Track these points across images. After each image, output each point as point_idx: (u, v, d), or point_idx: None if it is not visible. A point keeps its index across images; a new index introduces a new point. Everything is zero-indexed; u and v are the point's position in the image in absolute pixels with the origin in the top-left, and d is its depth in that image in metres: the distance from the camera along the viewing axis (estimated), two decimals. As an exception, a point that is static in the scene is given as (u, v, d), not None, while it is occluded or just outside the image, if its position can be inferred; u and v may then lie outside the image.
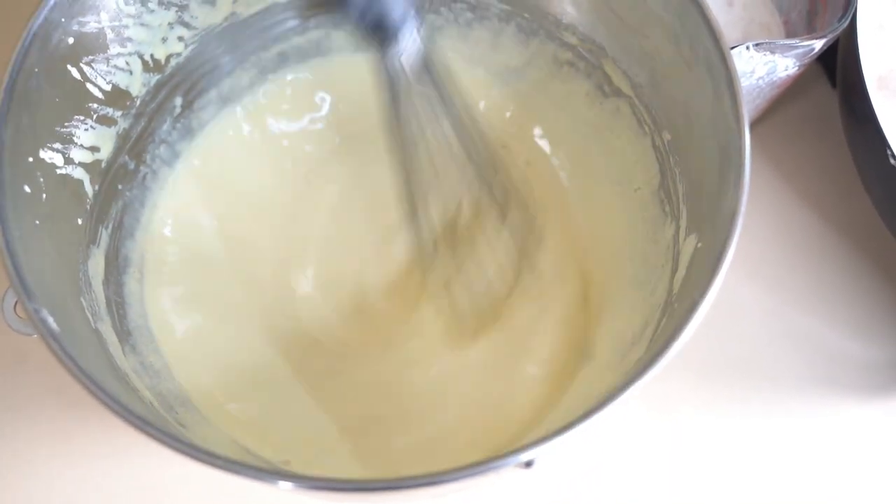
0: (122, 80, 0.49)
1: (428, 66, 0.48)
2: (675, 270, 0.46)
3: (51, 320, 0.37)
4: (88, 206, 0.48)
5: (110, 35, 0.48)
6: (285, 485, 0.34)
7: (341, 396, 0.51)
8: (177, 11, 0.51)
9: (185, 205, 0.55)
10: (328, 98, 0.59)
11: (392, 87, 0.48)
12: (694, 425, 0.56)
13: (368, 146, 0.56)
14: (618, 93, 0.53)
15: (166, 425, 0.41)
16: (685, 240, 0.46)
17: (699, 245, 0.43)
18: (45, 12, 0.43)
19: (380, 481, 0.34)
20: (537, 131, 0.59)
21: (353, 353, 0.53)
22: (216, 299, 0.54)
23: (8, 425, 0.55)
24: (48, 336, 0.37)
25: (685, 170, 0.48)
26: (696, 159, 0.46)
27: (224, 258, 0.55)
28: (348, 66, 0.58)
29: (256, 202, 0.57)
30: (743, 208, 0.38)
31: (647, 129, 0.52)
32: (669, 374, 0.38)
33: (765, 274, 0.60)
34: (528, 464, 0.35)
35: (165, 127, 0.54)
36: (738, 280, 0.59)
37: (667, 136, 0.50)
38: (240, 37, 0.55)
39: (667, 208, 0.50)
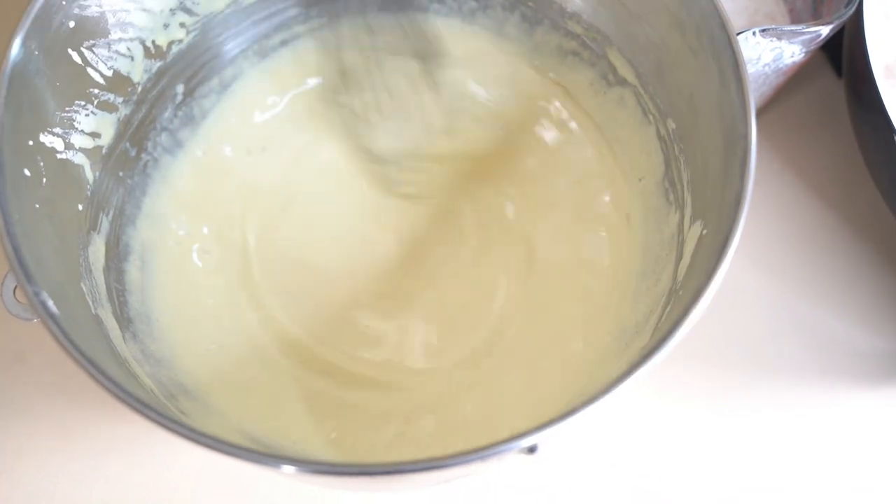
0: (123, 66, 0.49)
1: None
2: (679, 259, 0.46)
3: (51, 303, 0.37)
4: (89, 193, 0.48)
5: (111, 20, 0.47)
6: (288, 469, 0.34)
7: (340, 386, 0.51)
8: (179, -3, 0.51)
9: (186, 193, 0.55)
10: (330, 85, 0.59)
11: None
12: (698, 413, 0.56)
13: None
14: (622, 82, 0.53)
15: (168, 411, 0.41)
16: (690, 228, 0.46)
17: (704, 232, 0.43)
18: (46, -6, 0.43)
19: (383, 465, 0.34)
20: (541, 122, 0.58)
21: (351, 344, 0.53)
22: (218, 288, 0.54)
23: (8, 420, 0.55)
24: (48, 319, 0.36)
25: (690, 158, 0.47)
26: (702, 147, 0.46)
27: (226, 247, 0.55)
28: (350, 54, 0.58)
29: (259, 190, 0.57)
30: (749, 194, 0.38)
31: (651, 118, 0.51)
32: (674, 362, 0.37)
33: (769, 262, 0.60)
34: (532, 449, 0.35)
35: (167, 114, 0.54)
36: (742, 269, 0.59)
37: (672, 124, 0.49)
38: (242, 24, 0.54)
39: (671, 197, 0.50)
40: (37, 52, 0.43)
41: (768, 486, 0.54)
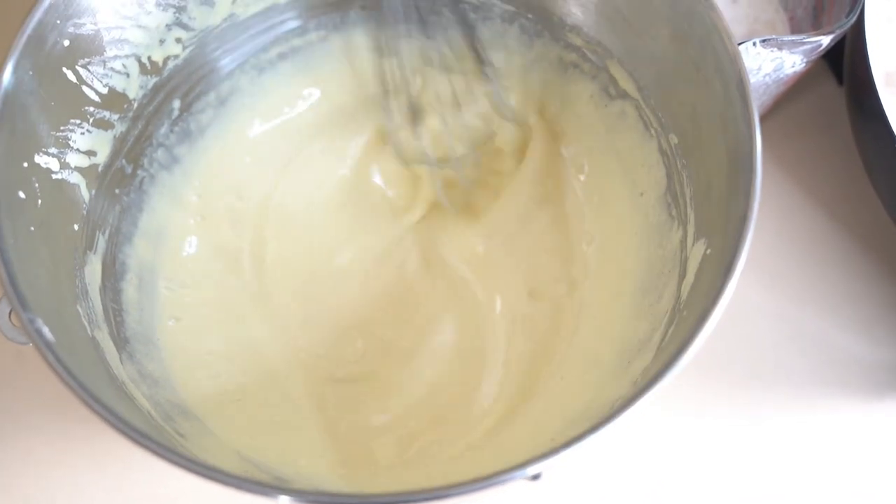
0: (118, 83, 0.49)
1: None
2: (682, 276, 0.45)
3: (46, 330, 0.37)
4: (85, 212, 0.47)
5: (107, 37, 0.47)
6: (285, 499, 0.34)
7: (338, 406, 0.51)
8: (175, 13, 0.50)
9: (184, 209, 0.55)
10: (329, 98, 0.58)
11: None
12: (698, 426, 0.55)
13: (365, 147, 0.57)
14: (624, 95, 0.53)
15: (163, 436, 0.41)
16: (693, 246, 0.45)
17: (708, 252, 0.42)
18: (39, 14, 0.42)
19: (382, 495, 0.33)
20: (541, 133, 0.58)
21: (349, 361, 0.53)
22: (216, 304, 0.53)
23: (6, 433, 0.55)
24: (43, 346, 0.36)
25: (693, 174, 0.47)
26: (705, 163, 0.45)
27: (224, 262, 0.55)
28: (348, 67, 0.58)
29: (257, 205, 0.56)
30: (754, 215, 0.38)
31: (653, 132, 0.51)
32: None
33: (770, 272, 0.60)
34: (535, 477, 0.34)
35: (163, 130, 0.53)
36: (742, 278, 0.58)
37: (674, 139, 0.49)
38: (239, 38, 0.54)
39: (674, 212, 0.49)
40: (31, 73, 0.42)
41: (770, 497, 0.54)
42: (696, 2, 0.43)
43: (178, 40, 0.51)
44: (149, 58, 0.50)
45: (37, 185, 0.43)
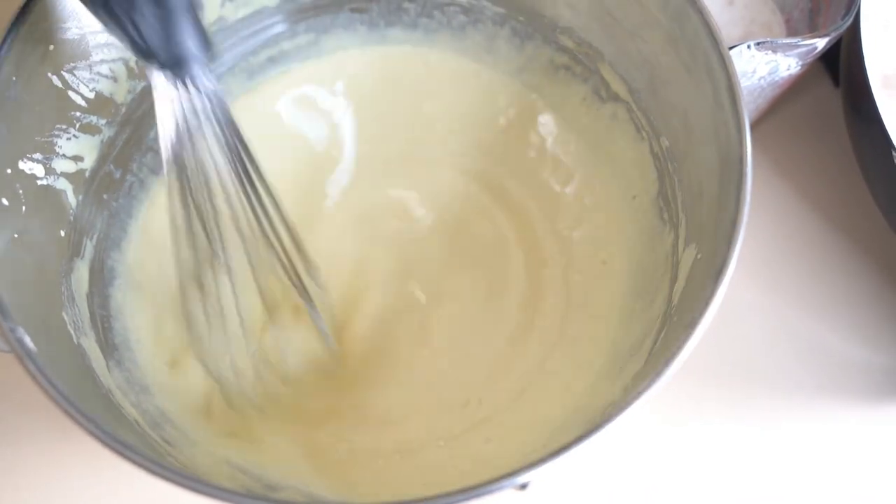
0: (106, 88, 0.48)
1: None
2: (674, 281, 0.45)
3: (27, 340, 0.36)
4: (72, 218, 0.47)
5: (92, 41, 0.46)
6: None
7: (331, 419, 0.51)
8: (163, 17, 0.49)
9: (173, 214, 0.54)
10: (320, 104, 0.58)
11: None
12: (691, 432, 0.55)
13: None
14: (615, 98, 0.53)
15: (148, 445, 0.41)
16: (684, 250, 0.45)
17: (699, 256, 0.42)
18: (23, 18, 0.42)
19: (367, 506, 0.33)
20: (533, 135, 0.58)
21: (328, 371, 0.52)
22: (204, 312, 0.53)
23: (2, 440, 0.54)
24: (24, 355, 0.36)
25: (684, 177, 0.47)
26: (696, 167, 0.45)
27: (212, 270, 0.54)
28: (339, 71, 0.57)
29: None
30: (744, 221, 0.37)
31: (644, 134, 0.51)
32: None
33: (765, 276, 0.59)
34: (524, 486, 0.34)
35: (152, 134, 0.52)
36: (738, 282, 0.58)
37: (665, 142, 0.49)
38: (227, 42, 0.54)
39: (665, 216, 0.49)
40: (14, 78, 0.42)
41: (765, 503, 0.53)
42: (686, 4, 0.43)
43: (167, 44, 0.51)
44: (136, 62, 0.49)
45: (21, 191, 0.43)
